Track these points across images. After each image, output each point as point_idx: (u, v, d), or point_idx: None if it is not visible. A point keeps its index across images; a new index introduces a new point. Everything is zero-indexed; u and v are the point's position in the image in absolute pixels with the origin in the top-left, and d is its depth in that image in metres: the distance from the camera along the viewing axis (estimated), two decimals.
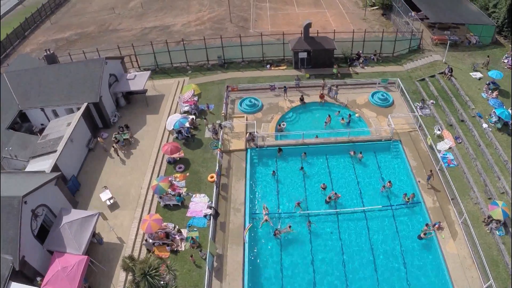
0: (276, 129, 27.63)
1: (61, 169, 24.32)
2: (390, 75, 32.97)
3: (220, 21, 44.33)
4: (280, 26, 41.85)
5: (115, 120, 29.82)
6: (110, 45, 41.80)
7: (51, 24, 52.28)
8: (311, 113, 29.73)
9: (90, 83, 28.11)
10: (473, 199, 23.17)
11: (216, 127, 27.09)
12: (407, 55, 35.55)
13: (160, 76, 34.98)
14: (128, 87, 30.08)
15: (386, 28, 40.48)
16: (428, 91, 31.17)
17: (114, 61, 30.88)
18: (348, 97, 30.76)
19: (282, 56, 35.08)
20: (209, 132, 27.53)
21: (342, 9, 45.63)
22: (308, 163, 25.94)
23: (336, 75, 32.50)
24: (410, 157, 25.91)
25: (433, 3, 40.01)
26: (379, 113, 29.34)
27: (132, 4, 54.04)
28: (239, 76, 33.52)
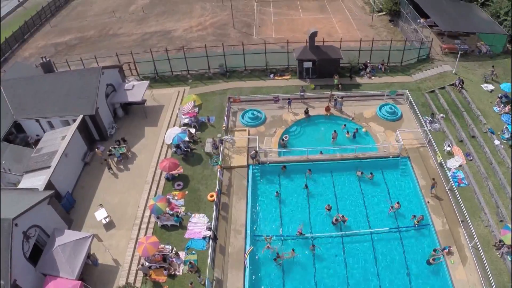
0: (279, 144, 26.72)
1: (55, 185, 23.56)
2: (398, 86, 31.93)
3: (222, 27, 43.43)
4: (284, 33, 40.90)
5: (112, 132, 28.99)
6: (109, 51, 41.05)
7: (51, 28, 51.64)
8: (316, 127, 28.74)
9: (86, 94, 27.29)
10: (484, 221, 22.15)
11: (217, 142, 26.19)
12: (416, 64, 34.45)
13: (160, 84, 34.17)
14: (125, 98, 29.24)
15: (394, 36, 39.46)
16: (438, 104, 30.08)
17: (112, 70, 30.07)
18: (355, 110, 29.77)
19: (286, 65, 34.11)
20: (209, 146, 26.65)
21: (348, 15, 44.58)
22: (313, 180, 24.99)
23: (337, 86, 31.44)
24: (419, 175, 24.89)
25: (442, 9, 38.89)
26: (387, 127, 28.32)
27: (133, 7, 53.26)
28: (241, 86, 32.58)
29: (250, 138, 26.89)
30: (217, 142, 26.14)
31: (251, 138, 26.83)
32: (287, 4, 48.28)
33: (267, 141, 27.07)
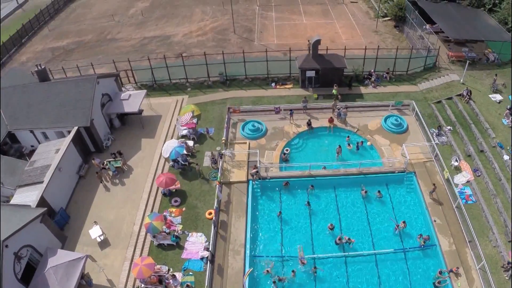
0: (280, 158, 25.97)
1: (48, 201, 22.92)
2: (404, 96, 31.15)
3: (223, 32, 42.66)
4: (286, 39, 40.10)
5: (108, 144, 28.28)
6: (107, 56, 40.38)
7: (49, 31, 50.97)
8: (319, 139, 27.94)
9: (80, 105, 26.58)
10: (492, 241, 21.40)
11: (216, 156, 25.46)
12: (422, 73, 33.58)
13: (158, 93, 33.44)
14: (122, 109, 28.52)
15: (399, 42, 38.60)
16: (445, 115, 29.26)
17: (108, 79, 29.35)
18: (359, 121, 28.97)
19: (288, 73, 33.28)
20: (208, 160, 25.93)
21: (352, 19, 43.69)
22: (315, 197, 24.24)
23: (336, 96, 30.47)
24: (425, 191, 24.09)
25: (449, 15, 38.03)
26: (393, 140, 27.52)
27: (133, 11, 52.49)
28: (241, 95, 31.81)
29: (250, 152, 26.14)
30: (215, 156, 25.43)
31: (251, 152, 26.10)
32: (289, 9, 47.41)
33: (268, 155, 26.32)
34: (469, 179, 24.78)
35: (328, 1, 48.69)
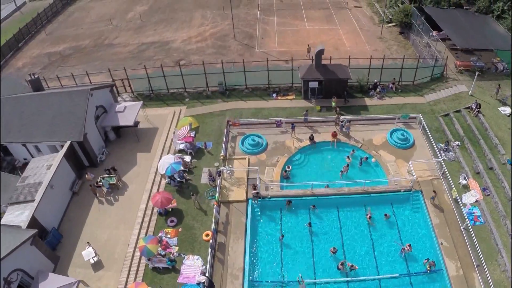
0: (281, 175, 25.14)
1: (40, 221, 22.23)
2: (410, 108, 30.25)
3: (223, 38, 41.83)
4: (288, 45, 39.27)
5: (102, 158, 27.55)
6: (103, 63, 39.65)
7: (46, 35, 50.38)
8: (322, 155, 27.08)
9: (73, 119, 25.83)
10: (500, 265, 20.50)
11: (213, 174, 24.67)
12: (429, 83, 32.64)
13: (155, 103, 32.64)
14: (116, 121, 27.75)
15: (405, 50, 37.68)
16: (453, 129, 28.35)
17: (102, 91, 28.57)
18: (363, 136, 28.07)
19: (290, 83, 32.38)
20: (205, 177, 25.13)
21: (356, 25, 42.78)
22: (317, 217, 23.41)
23: (335, 109, 29.64)
24: (432, 212, 23.24)
25: (456, 22, 37.04)
26: (398, 156, 26.65)
27: (131, 14, 51.81)
28: (241, 107, 30.95)
29: (250, 169, 25.31)
30: (213, 174, 24.64)
31: (251, 169, 25.29)
32: (291, 14, 46.54)
33: (268, 172, 25.47)
34: (477, 198, 23.88)
35: (331, 6, 47.90)
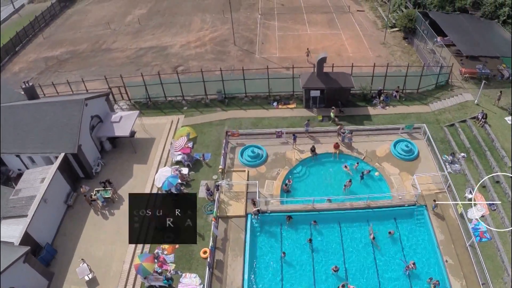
0: (281, 189, 24.48)
1: (33, 236, 21.66)
2: (414, 118, 29.54)
3: (222, 43, 41.16)
4: (289, 51, 38.60)
5: (98, 170, 26.93)
6: (101, 68, 39.07)
7: (44, 39, 49.88)
8: (324, 167, 26.38)
9: (67, 130, 25.23)
10: (507, 283, 19.84)
11: (211, 188, 24.02)
12: (434, 92, 31.93)
13: (152, 111, 32.00)
14: (112, 132, 27.15)
15: (409, 55, 37.01)
16: (459, 140, 27.66)
17: (97, 100, 27.90)
18: (366, 147, 27.38)
19: (291, 91, 31.71)
20: (203, 190, 24.48)
21: (359, 30, 42.06)
22: (319, 232, 22.76)
23: (333, 119, 28.99)
24: (437, 227, 22.56)
25: (461, 28, 36.26)
26: (403, 168, 25.96)
27: (130, 18, 51.21)
28: (241, 116, 30.27)
29: (249, 183, 24.66)
30: (211, 188, 23.98)
31: (250, 183, 24.64)
32: (293, 18, 45.81)
33: (268, 185, 24.80)
34: (483, 213, 23.17)
35: (333, 10, 47.18)
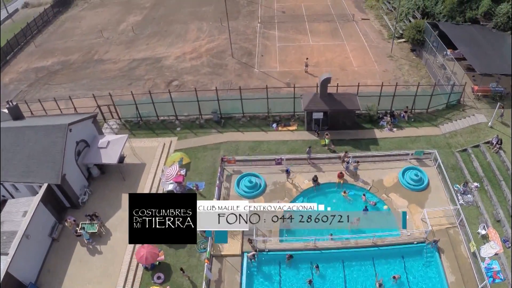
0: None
1: (15, 276, 20.45)
2: (424, 142, 27.98)
3: (219, 55, 39.59)
4: (290, 64, 37.05)
5: (85, 199, 25.47)
6: (91, 82, 37.71)
7: (35, 47, 48.62)
8: (326, 198, 24.75)
9: (50, 159, 23.78)
10: None
11: None
12: (444, 112, 30.30)
13: (144, 132, 30.46)
14: (99, 159, 25.73)
15: (417, 70, 35.44)
16: (471, 167, 26.06)
17: (83, 123, 26.36)
18: (373, 176, 25.80)
19: (292, 111, 30.13)
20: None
21: (364, 41, 40.40)
22: (320, 275, 21.28)
23: (328, 146, 27.39)
24: (447, 267, 21.04)
25: (473, 41, 34.40)
26: (411, 199, 24.40)
27: (124, 26, 49.75)
28: (238, 139, 28.69)
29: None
30: None
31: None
32: (294, 27, 44.13)
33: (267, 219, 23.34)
34: (497, 251, 21.62)
35: (337, 18, 45.56)
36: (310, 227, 19.85)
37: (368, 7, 48.66)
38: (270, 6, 50.41)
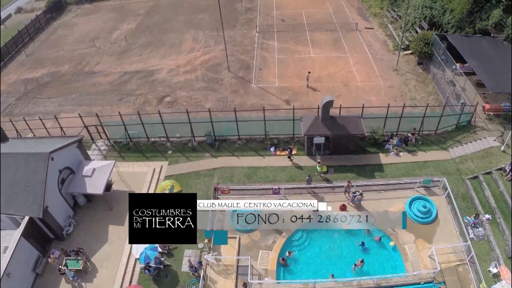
0: (278, 262, 21.67)
1: None
2: (432, 168, 26.60)
3: (215, 68, 38.17)
4: (290, 79, 35.68)
5: (70, 231, 24.24)
6: (81, 97, 36.64)
7: (26, 57, 47.53)
8: (328, 233, 23.30)
9: (31, 190, 22.49)
10: None
11: (194, 264, 21.20)
12: (454, 133, 28.88)
13: (133, 155, 29.13)
14: (83, 189, 24.41)
15: (425, 85, 34.09)
16: (483, 197, 24.64)
17: (67, 149, 24.99)
18: (377, 207, 24.31)
19: (291, 134, 28.69)
20: (187, 262, 21.74)
21: (368, 53, 38.87)
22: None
23: (320, 175, 25.95)
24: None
25: (484, 55, 32.84)
26: (419, 233, 23.02)
27: (116, 34, 48.49)
28: (233, 164, 27.27)
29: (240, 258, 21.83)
30: (194, 264, 21.17)
31: (241, 258, 21.80)
32: (294, 36, 42.60)
33: (262, 257, 21.96)
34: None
35: (339, 27, 43.98)
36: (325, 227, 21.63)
37: (371, 15, 47.15)
38: (269, 14, 48.94)
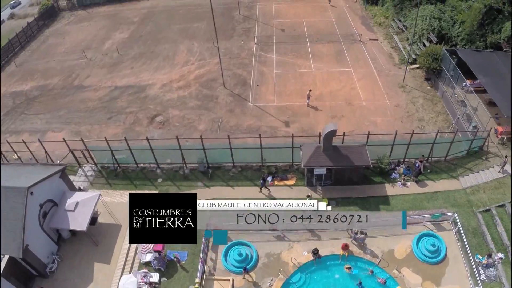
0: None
1: None
2: (442, 199, 25.23)
3: (210, 84, 36.75)
4: (290, 97, 34.26)
5: (53, 268, 22.99)
6: (69, 114, 35.58)
7: (16, 67, 46.43)
8: (328, 273, 22.07)
9: (9, 227, 21.09)
10: None
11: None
12: (465, 160, 27.51)
13: (121, 182, 27.89)
14: (66, 224, 23.09)
15: (433, 104, 32.73)
16: (495, 233, 23.22)
17: (49, 180, 23.64)
18: (382, 245, 23.04)
19: (290, 162, 27.36)
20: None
21: (372, 67, 37.38)
22: None
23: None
24: None
25: (497, 72, 31.44)
26: (426, 275, 21.67)
27: (109, 44, 47.28)
28: (227, 196, 25.45)
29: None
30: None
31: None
32: (294, 49, 41.14)
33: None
34: None
35: (342, 38, 42.52)
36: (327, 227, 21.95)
37: (376, 25, 45.67)
38: (268, 23, 47.52)
